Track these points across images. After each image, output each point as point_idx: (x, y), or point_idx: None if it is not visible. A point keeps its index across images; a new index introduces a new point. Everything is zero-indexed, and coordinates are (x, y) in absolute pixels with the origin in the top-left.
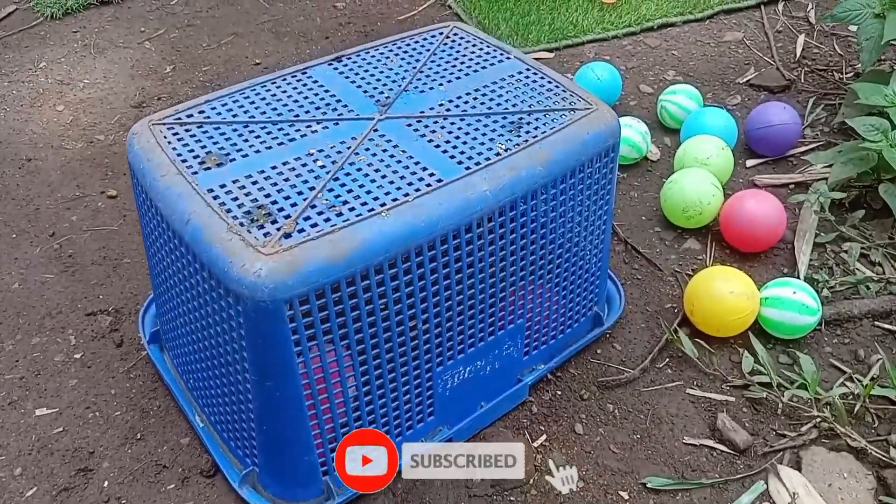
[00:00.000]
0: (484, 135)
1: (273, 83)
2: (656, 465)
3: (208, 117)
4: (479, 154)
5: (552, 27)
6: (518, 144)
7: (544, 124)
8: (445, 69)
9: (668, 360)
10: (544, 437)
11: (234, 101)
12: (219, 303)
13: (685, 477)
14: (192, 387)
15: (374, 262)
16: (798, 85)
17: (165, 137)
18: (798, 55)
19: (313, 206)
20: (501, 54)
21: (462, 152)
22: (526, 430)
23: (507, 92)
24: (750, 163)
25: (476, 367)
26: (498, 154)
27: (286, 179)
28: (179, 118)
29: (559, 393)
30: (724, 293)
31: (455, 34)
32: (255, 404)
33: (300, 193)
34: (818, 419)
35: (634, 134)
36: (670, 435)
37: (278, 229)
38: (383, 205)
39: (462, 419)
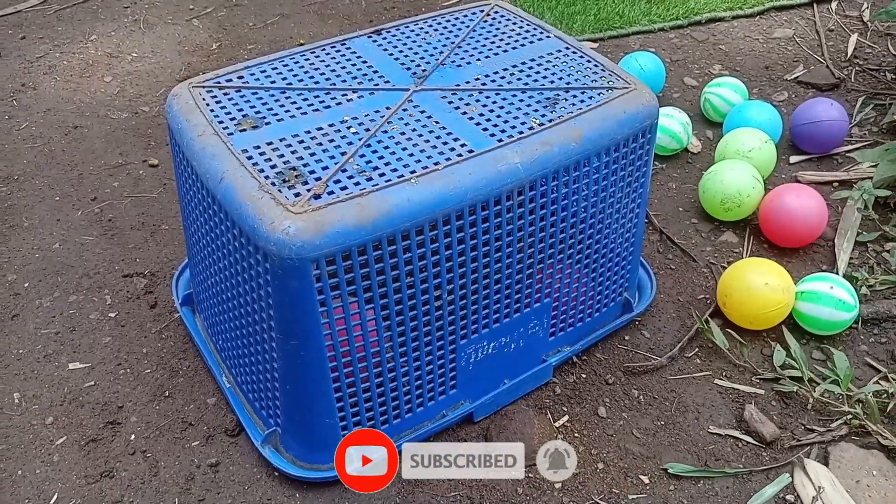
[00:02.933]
0: (518, 109)
1: (312, 52)
2: (679, 452)
3: (247, 82)
4: (513, 128)
5: (597, 17)
6: (552, 120)
7: (581, 101)
8: (484, 45)
9: (697, 350)
10: (566, 417)
11: (272, 68)
12: (248, 260)
13: (708, 465)
14: (221, 347)
15: (401, 228)
16: (848, 84)
17: (204, 99)
18: (850, 54)
19: (344, 171)
20: (541, 32)
21: (495, 125)
22: (548, 410)
23: (545, 69)
24: (794, 159)
25: (500, 343)
26: (531, 128)
27: (319, 144)
28: (219, 82)
29: (584, 376)
30: (758, 285)
31: (496, 11)
32: (279, 364)
33: (332, 158)
34: (849, 416)
35: (675, 124)
36: (695, 423)
37: (308, 190)
38: (413, 172)
39: (484, 394)
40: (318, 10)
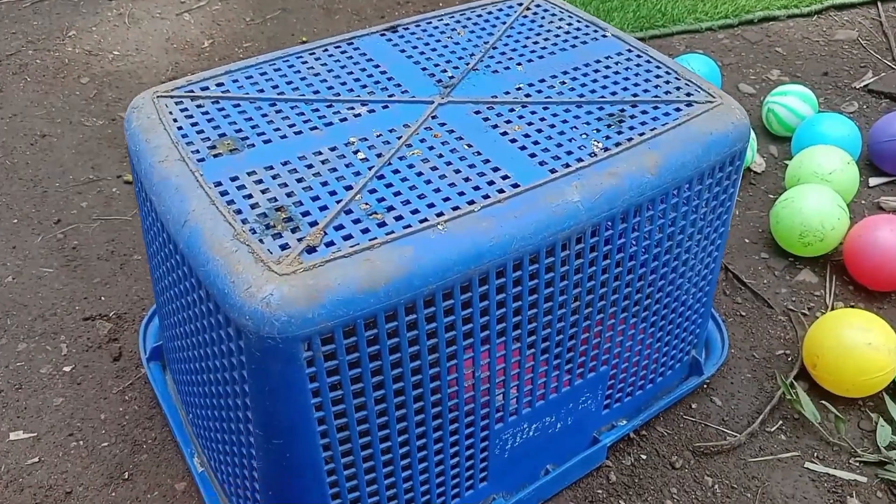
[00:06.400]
0: (574, 129)
1: (311, 54)
2: None
3: (227, 91)
4: (569, 154)
5: (637, 14)
6: (619, 143)
7: (654, 119)
8: (525, 46)
9: (780, 422)
10: None
11: (261, 74)
12: (217, 332)
13: None
14: (193, 421)
15: (424, 292)
16: None
17: (171, 114)
18: None
19: (348, 212)
20: (596, 31)
21: (545, 150)
22: None
23: (603, 76)
24: (873, 181)
25: (544, 423)
26: (593, 154)
27: (316, 174)
28: (192, 90)
29: (644, 457)
30: (860, 345)
31: (537, 5)
32: (260, 464)
33: (333, 194)
34: None
35: None
36: None
37: (300, 240)
38: (440, 214)
39: (522, 487)
40: (324, 3)
